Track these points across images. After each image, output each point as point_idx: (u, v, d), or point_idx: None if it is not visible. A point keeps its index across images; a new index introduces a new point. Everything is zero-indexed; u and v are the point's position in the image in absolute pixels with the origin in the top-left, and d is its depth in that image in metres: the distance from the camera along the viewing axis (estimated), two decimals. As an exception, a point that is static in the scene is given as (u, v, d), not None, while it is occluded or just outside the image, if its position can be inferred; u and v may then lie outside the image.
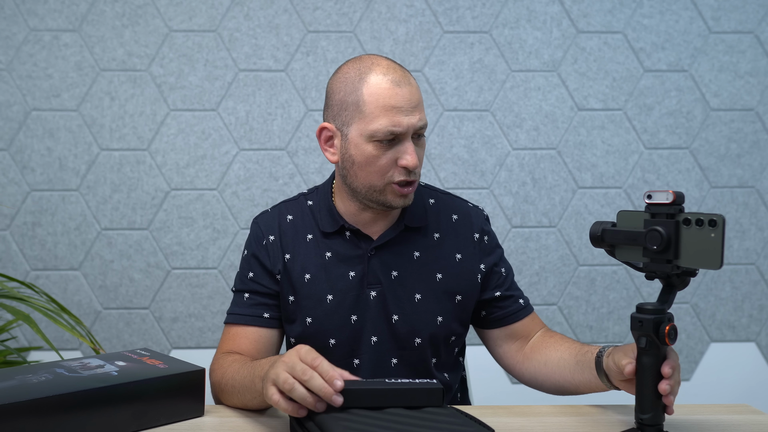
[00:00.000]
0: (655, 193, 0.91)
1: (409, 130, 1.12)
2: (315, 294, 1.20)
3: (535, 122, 2.26)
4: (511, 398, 2.27)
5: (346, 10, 2.23)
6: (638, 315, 0.92)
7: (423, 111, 1.15)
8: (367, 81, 1.12)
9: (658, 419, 0.93)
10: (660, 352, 0.92)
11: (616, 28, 2.27)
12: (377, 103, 1.11)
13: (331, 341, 1.21)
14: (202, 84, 2.21)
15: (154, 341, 2.22)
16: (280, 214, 1.26)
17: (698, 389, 2.30)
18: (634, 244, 0.92)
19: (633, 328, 0.93)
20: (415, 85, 1.16)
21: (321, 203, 1.25)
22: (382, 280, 1.20)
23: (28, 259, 2.20)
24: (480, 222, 1.29)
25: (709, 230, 0.87)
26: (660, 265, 0.91)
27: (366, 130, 1.12)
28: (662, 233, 0.89)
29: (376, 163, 1.13)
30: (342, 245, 1.22)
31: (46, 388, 0.92)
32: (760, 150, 2.29)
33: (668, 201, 0.90)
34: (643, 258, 0.93)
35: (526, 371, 1.25)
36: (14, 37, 2.18)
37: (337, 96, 1.15)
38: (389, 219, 1.23)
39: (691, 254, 0.89)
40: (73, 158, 2.20)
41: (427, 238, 1.24)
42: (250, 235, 1.28)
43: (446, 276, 1.23)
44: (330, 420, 0.84)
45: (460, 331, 1.26)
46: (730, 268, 2.30)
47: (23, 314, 1.52)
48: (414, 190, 1.17)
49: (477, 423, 0.86)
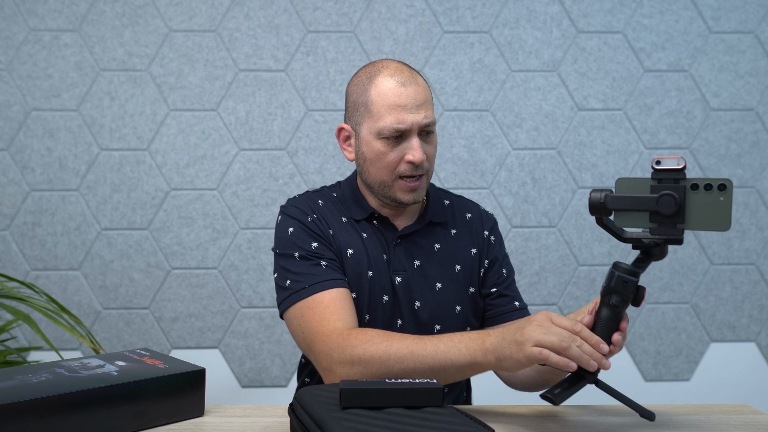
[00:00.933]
0: (665, 159, 0.92)
1: (414, 127, 1.18)
2: (357, 269, 1.23)
3: (535, 122, 2.26)
4: (511, 398, 2.27)
5: (346, 10, 2.23)
6: (624, 275, 0.94)
7: (430, 109, 1.21)
8: (376, 82, 1.20)
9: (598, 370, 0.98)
10: (623, 311, 0.97)
11: (616, 28, 2.27)
12: (383, 103, 1.18)
13: (366, 317, 1.24)
14: (202, 84, 2.21)
15: (154, 341, 2.22)
16: (310, 199, 1.29)
17: (698, 389, 2.30)
18: (642, 209, 0.92)
19: (613, 286, 0.95)
20: (422, 85, 1.22)
21: (347, 194, 1.30)
22: (406, 267, 1.25)
23: (28, 259, 2.20)
24: (491, 224, 1.36)
25: (718, 194, 0.89)
26: (667, 229, 0.92)
27: (374, 128, 1.19)
28: (676, 198, 0.90)
29: (384, 159, 1.19)
30: (372, 229, 1.27)
31: (46, 388, 0.92)
32: (760, 150, 2.29)
33: (680, 166, 0.91)
34: (650, 224, 0.93)
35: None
36: (14, 37, 2.18)
37: (351, 98, 1.24)
38: (411, 215, 1.30)
39: (698, 218, 0.91)
40: (73, 158, 2.20)
41: (447, 232, 1.31)
42: (289, 215, 1.25)
43: (464, 268, 1.29)
44: (330, 420, 0.84)
45: (474, 323, 1.31)
46: (730, 268, 2.30)
47: (23, 314, 1.52)
48: (422, 185, 1.22)
49: (477, 423, 0.86)
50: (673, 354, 2.30)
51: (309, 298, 1.14)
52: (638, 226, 0.93)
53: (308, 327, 1.13)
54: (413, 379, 0.93)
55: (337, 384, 0.98)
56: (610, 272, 0.96)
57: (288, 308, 1.18)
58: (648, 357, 2.29)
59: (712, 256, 2.30)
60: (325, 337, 1.09)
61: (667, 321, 2.29)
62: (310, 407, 0.89)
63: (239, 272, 2.23)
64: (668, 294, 2.29)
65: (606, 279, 0.97)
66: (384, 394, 0.89)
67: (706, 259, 2.30)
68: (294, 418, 0.92)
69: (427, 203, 1.32)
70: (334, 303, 1.14)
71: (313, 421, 0.87)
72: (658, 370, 2.30)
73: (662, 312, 2.29)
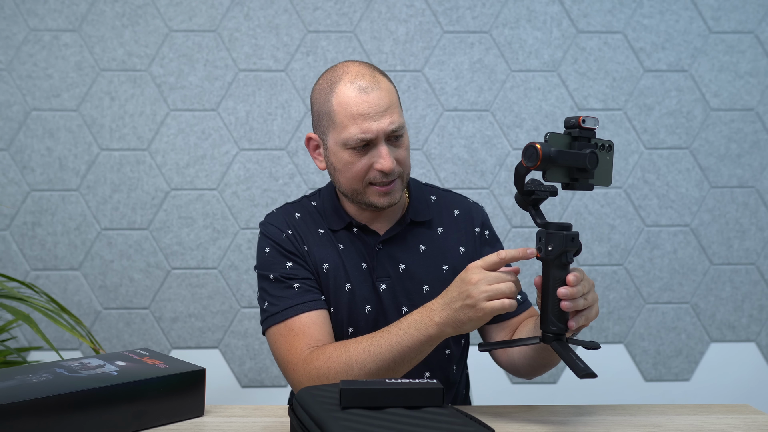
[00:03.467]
0: (589, 118, 0.98)
1: (380, 134, 1.15)
2: (334, 283, 1.22)
3: (535, 122, 2.26)
4: (511, 398, 2.27)
5: (346, 10, 2.23)
6: (570, 232, 0.98)
7: (396, 113, 1.17)
8: (336, 91, 1.16)
9: (561, 330, 1.00)
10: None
11: (616, 28, 2.27)
12: (346, 113, 1.15)
13: (350, 329, 1.23)
14: (202, 84, 2.21)
15: (154, 341, 2.22)
16: (287, 213, 1.28)
17: (698, 389, 2.30)
18: (573, 165, 0.97)
19: (563, 245, 0.97)
20: (386, 88, 1.17)
21: (326, 203, 1.28)
22: (390, 273, 1.23)
23: (28, 259, 2.20)
24: (480, 217, 1.33)
25: (607, 154, 1.01)
26: (582, 183, 0.99)
27: (339, 138, 1.16)
28: (597, 155, 0.98)
29: (352, 168, 1.17)
30: (351, 239, 1.25)
31: (46, 388, 0.92)
32: (760, 150, 2.29)
33: (595, 126, 0.99)
34: (564, 179, 0.99)
35: (506, 356, 1.26)
36: (14, 37, 2.18)
37: (315, 108, 1.21)
38: (392, 217, 1.27)
39: (599, 175, 1.01)
40: (73, 158, 2.20)
41: (432, 232, 1.28)
42: (265, 235, 1.26)
43: (452, 268, 1.26)
44: (330, 420, 0.84)
45: None
46: (730, 268, 2.30)
47: (23, 314, 1.52)
48: (395, 188, 1.19)
49: (477, 423, 0.86)
50: (673, 354, 2.30)
51: (281, 324, 1.17)
52: (559, 180, 0.98)
53: (279, 354, 1.17)
54: (413, 380, 0.93)
55: (337, 384, 0.98)
56: (556, 235, 0.98)
57: (266, 330, 1.21)
58: (648, 357, 2.29)
59: (712, 256, 2.30)
60: (293, 366, 1.14)
61: (667, 321, 2.29)
62: (310, 407, 0.89)
63: (239, 272, 2.23)
64: (668, 294, 2.29)
65: (552, 243, 0.98)
66: (384, 394, 0.89)
67: (706, 259, 2.30)
68: (294, 418, 0.92)
69: (409, 202, 1.29)
70: (302, 329, 1.16)
71: (313, 421, 0.87)
72: (658, 370, 2.30)
73: (662, 312, 2.29)
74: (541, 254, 0.99)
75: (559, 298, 0.98)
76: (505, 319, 1.29)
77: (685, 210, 2.29)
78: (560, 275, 0.98)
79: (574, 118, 0.98)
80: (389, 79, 1.21)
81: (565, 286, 0.97)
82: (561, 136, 0.98)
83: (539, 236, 0.99)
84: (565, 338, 1.00)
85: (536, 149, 0.93)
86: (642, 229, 2.28)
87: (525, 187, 1.00)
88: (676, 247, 2.29)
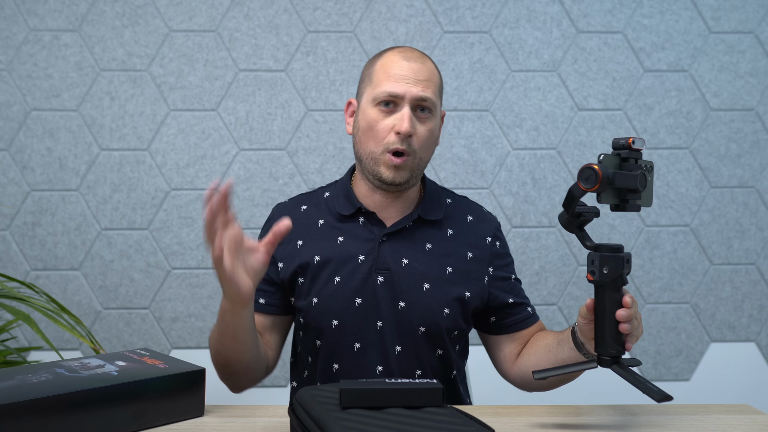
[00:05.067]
0: (637, 139, 0.97)
1: (408, 96, 1.18)
2: (323, 275, 1.23)
3: (535, 122, 2.26)
4: (511, 398, 2.27)
5: (346, 10, 2.23)
6: (624, 254, 0.96)
7: (431, 89, 1.20)
8: (383, 56, 1.24)
9: (620, 352, 0.99)
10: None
11: (616, 28, 2.27)
12: (384, 71, 1.20)
13: (334, 322, 1.22)
14: (202, 84, 2.21)
15: (154, 341, 2.22)
16: (295, 205, 1.33)
17: (698, 389, 2.30)
18: (625, 187, 0.95)
19: (619, 268, 0.96)
20: (429, 66, 1.22)
21: (339, 190, 1.31)
22: (391, 266, 1.23)
23: (28, 259, 2.20)
24: (494, 227, 1.33)
25: (649, 174, 0.99)
26: (631, 205, 0.97)
27: (372, 94, 1.21)
28: (646, 176, 0.96)
29: (375, 127, 1.19)
30: (355, 229, 1.26)
31: (46, 388, 0.92)
32: (760, 150, 2.29)
33: (642, 148, 0.97)
34: (615, 200, 0.97)
35: (518, 370, 1.28)
36: (14, 37, 2.18)
37: (362, 75, 1.27)
38: (403, 206, 1.27)
39: (644, 196, 0.99)
40: (73, 158, 2.20)
41: (441, 232, 1.28)
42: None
43: (456, 271, 1.25)
44: (330, 420, 0.84)
45: (463, 327, 1.27)
46: (730, 268, 2.30)
47: (23, 314, 1.52)
48: (406, 164, 1.19)
49: (477, 423, 0.86)
50: (673, 354, 2.30)
51: None
52: (610, 202, 0.96)
53: None
54: (413, 380, 0.93)
55: (337, 384, 0.98)
56: (612, 258, 0.96)
57: None
58: (648, 357, 2.29)
59: (712, 256, 2.30)
60: None
61: (667, 321, 2.29)
62: (310, 407, 0.89)
63: (239, 272, 2.23)
64: (668, 294, 2.29)
65: (608, 266, 0.96)
66: (384, 394, 0.89)
67: (706, 259, 2.30)
68: (294, 418, 0.92)
69: (423, 199, 1.29)
70: None
71: (313, 421, 0.87)
72: (658, 370, 2.30)
73: (662, 312, 2.29)
74: (594, 277, 0.97)
75: (617, 321, 0.96)
76: (514, 331, 1.30)
77: (685, 210, 2.29)
78: (617, 297, 0.97)
79: (623, 140, 0.96)
80: (437, 68, 1.25)
81: (621, 308, 0.96)
82: (611, 158, 0.96)
83: (591, 259, 0.97)
84: (621, 361, 0.98)
85: (595, 171, 0.91)
86: (642, 229, 2.28)
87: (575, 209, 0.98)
88: (676, 247, 2.29)
